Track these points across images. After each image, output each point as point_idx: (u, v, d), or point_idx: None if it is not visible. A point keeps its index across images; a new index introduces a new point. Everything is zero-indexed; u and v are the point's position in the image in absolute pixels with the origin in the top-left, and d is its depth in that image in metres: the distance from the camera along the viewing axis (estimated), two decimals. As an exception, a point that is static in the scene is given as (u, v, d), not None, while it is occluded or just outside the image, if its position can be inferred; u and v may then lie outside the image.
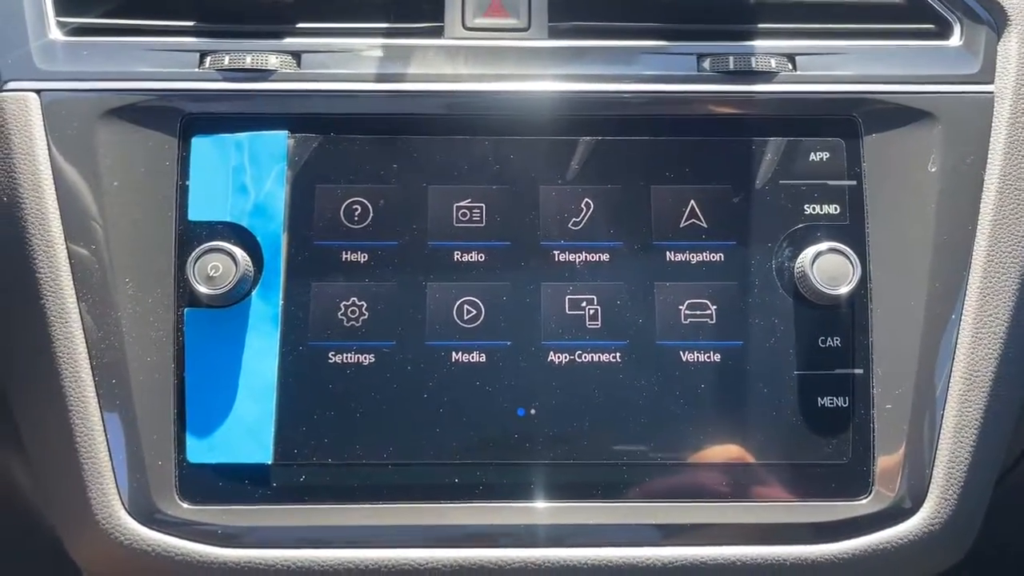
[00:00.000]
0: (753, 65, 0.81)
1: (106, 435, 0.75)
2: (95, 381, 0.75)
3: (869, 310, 0.78)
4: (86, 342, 0.75)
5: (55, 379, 0.75)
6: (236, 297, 0.77)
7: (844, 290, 0.76)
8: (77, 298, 0.76)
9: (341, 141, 0.80)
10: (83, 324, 0.76)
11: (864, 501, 0.76)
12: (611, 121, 0.81)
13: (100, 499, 0.74)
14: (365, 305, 0.78)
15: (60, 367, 0.75)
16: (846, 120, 0.81)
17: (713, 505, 0.76)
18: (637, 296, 0.78)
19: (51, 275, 0.76)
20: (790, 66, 0.82)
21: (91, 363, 0.75)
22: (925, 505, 0.76)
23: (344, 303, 0.78)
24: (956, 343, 0.77)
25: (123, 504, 0.75)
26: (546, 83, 0.81)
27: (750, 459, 0.77)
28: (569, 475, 0.76)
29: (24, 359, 0.77)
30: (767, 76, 0.81)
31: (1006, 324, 0.77)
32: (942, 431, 0.76)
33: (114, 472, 0.75)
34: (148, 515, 0.75)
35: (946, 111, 0.80)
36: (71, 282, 0.76)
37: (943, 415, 0.76)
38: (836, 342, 0.78)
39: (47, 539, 0.88)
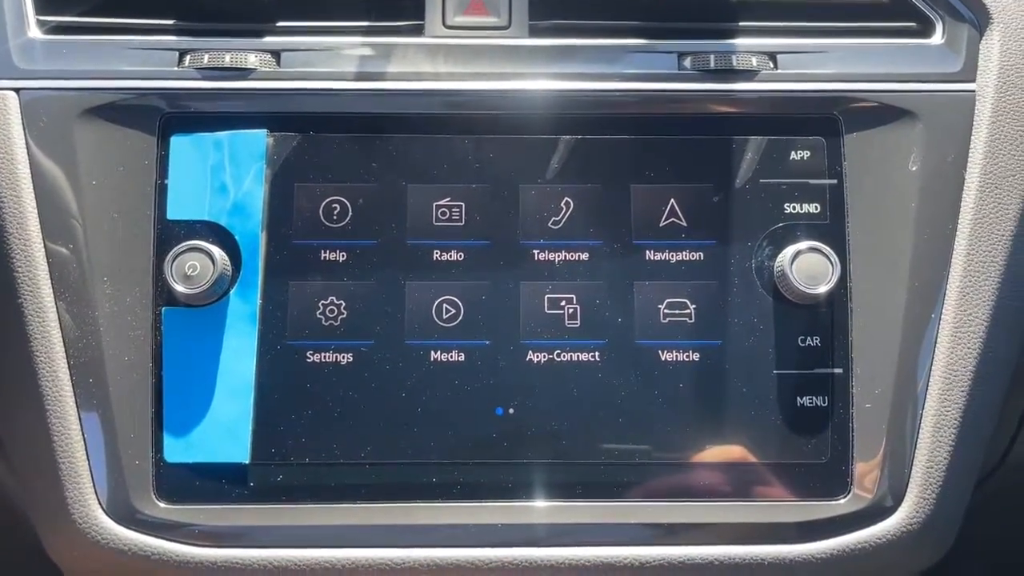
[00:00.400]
0: (734, 64, 0.81)
1: (83, 434, 0.75)
2: (72, 380, 0.75)
3: (849, 309, 0.78)
4: (63, 341, 0.75)
5: (32, 378, 0.75)
6: (214, 296, 0.77)
7: (823, 289, 0.76)
8: (55, 297, 0.76)
9: (320, 140, 0.80)
10: (60, 323, 0.76)
11: (843, 501, 0.76)
12: (591, 120, 0.81)
13: (77, 499, 0.74)
14: (344, 304, 0.78)
15: (37, 366, 0.75)
16: (827, 119, 0.81)
17: (690, 504, 0.76)
18: (616, 295, 0.78)
19: (29, 274, 0.76)
20: (771, 65, 0.82)
21: (68, 362, 0.75)
22: (903, 505, 0.75)
23: (322, 302, 0.78)
24: (936, 343, 0.77)
25: (100, 504, 0.74)
26: (526, 82, 0.81)
27: (728, 459, 0.76)
28: (548, 474, 0.76)
29: (1, 357, 0.77)
30: (748, 75, 0.81)
31: (985, 324, 0.77)
32: (921, 430, 0.76)
33: (91, 472, 0.75)
34: (125, 515, 0.75)
35: (927, 110, 0.80)
36: (49, 281, 0.76)
37: (922, 414, 0.76)
38: (815, 341, 0.78)
39: (29, 538, 0.87)
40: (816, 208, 0.79)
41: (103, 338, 0.76)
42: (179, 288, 0.75)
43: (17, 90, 0.79)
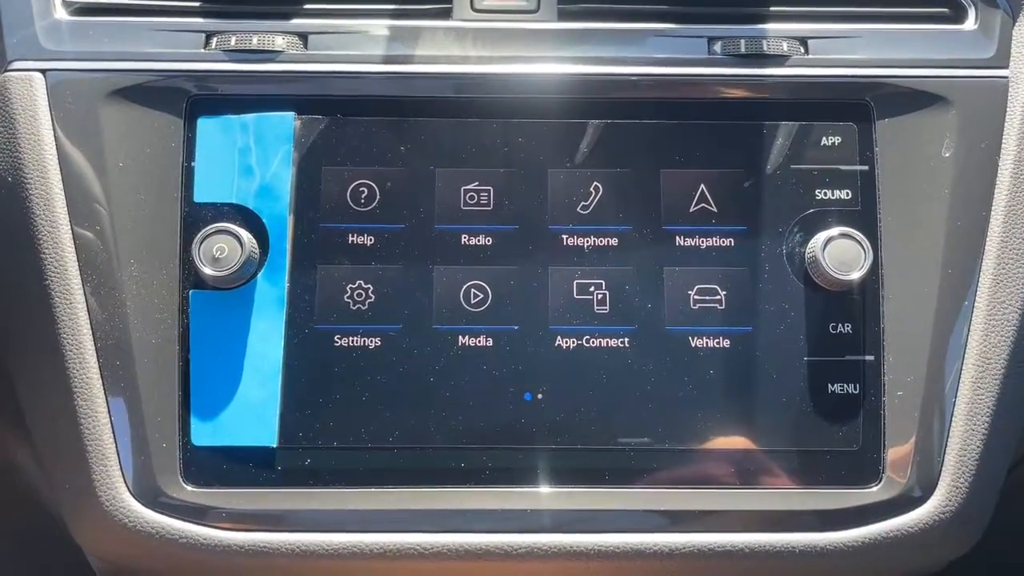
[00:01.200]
0: (764, 48, 0.80)
1: (110, 417, 0.74)
2: (99, 363, 0.75)
3: (880, 296, 0.77)
4: (91, 324, 0.75)
5: (59, 361, 0.75)
6: (242, 279, 0.76)
7: (855, 275, 0.76)
8: (82, 279, 0.75)
9: (348, 123, 0.80)
10: (88, 306, 0.75)
11: (874, 489, 0.75)
12: (621, 104, 0.80)
13: (104, 481, 0.74)
14: (371, 288, 0.77)
15: (64, 349, 0.75)
16: (859, 104, 0.80)
17: (721, 491, 0.75)
18: (646, 281, 0.78)
19: (56, 256, 0.75)
20: (802, 50, 0.81)
21: (95, 345, 0.75)
22: (936, 493, 0.75)
23: (350, 286, 0.77)
24: (968, 330, 0.76)
25: (127, 486, 0.74)
26: (555, 65, 0.80)
27: (759, 446, 0.76)
28: (576, 460, 0.76)
29: (29, 341, 0.77)
30: (779, 60, 0.80)
31: (1019, 312, 0.76)
32: (954, 419, 0.75)
33: (118, 454, 0.74)
34: (152, 497, 0.74)
35: (960, 96, 0.79)
36: (76, 263, 0.75)
37: (955, 403, 0.75)
38: (847, 328, 0.77)
39: (51, 523, 0.87)
40: (848, 194, 0.79)
41: (130, 321, 0.75)
42: (207, 270, 0.75)
43: (44, 71, 0.78)
